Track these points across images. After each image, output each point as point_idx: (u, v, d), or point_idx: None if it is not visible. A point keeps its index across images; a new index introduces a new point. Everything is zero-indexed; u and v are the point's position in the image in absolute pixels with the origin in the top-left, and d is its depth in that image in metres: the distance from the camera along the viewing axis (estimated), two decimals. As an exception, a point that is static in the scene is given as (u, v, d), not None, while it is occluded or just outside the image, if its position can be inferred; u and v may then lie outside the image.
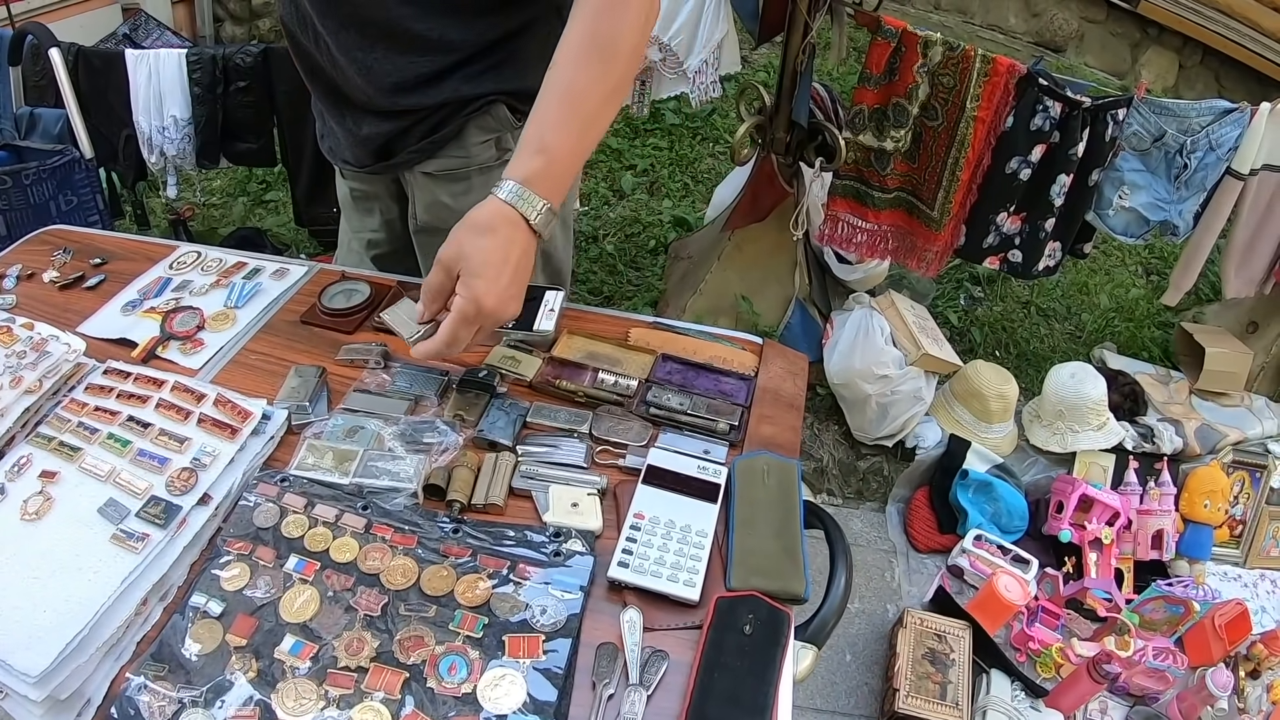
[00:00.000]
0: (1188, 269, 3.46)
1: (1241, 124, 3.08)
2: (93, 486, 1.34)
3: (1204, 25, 6.27)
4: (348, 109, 1.84)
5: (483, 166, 1.86)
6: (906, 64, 2.97)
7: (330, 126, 1.94)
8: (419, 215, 1.95)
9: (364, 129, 1.85)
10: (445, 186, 1.88)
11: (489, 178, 1.81)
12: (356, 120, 1.85)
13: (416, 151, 1.84)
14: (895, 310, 3.56)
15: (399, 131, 1.82)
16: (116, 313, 1.78)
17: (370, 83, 1.74)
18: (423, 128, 1.81)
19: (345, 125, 1.87)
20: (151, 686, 1.15)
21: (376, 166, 1.93)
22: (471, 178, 1.87)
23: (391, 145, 1.86)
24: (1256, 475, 3.55)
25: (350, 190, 2.15)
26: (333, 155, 2.04)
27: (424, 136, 1.82)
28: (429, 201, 1.92)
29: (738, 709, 1.16)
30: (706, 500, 1.43)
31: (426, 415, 1.55)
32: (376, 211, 2.13)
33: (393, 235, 2.16)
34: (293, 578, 1.28)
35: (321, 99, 1.88)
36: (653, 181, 4.95)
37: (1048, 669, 2.90)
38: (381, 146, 1.87)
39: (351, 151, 1.93)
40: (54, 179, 3.00)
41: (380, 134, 1.84)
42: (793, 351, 1.82)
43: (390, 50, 1.70)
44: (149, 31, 4.18)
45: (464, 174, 1.87)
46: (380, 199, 2.10)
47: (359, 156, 1.93)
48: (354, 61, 1.72)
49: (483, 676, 1.16)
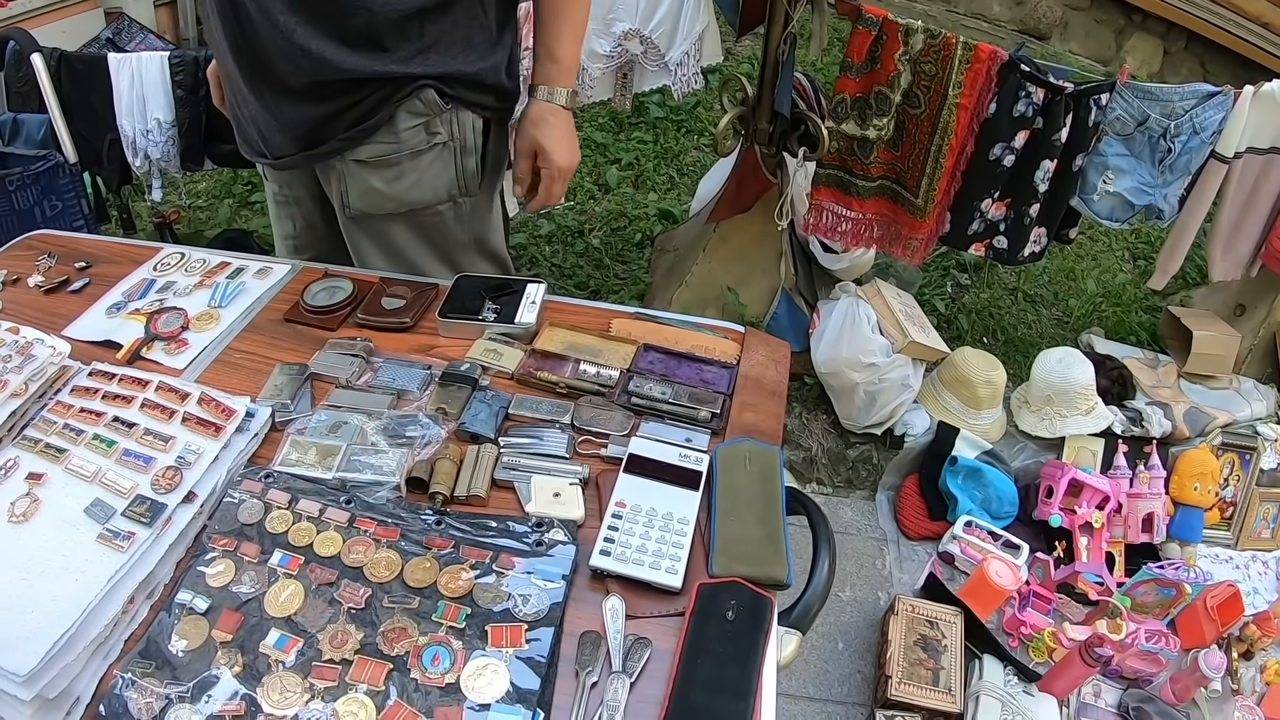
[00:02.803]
0: (1173, 252, 3.47)
1: (1225, 107, 3.09)
2: (79, 487, 1.34)
3: (1188, 10, 6.27)
4: (271, 90, 1.85)
5: (414, 151, 1.91)
6: (888, 52, 2.97)
7: (252, 114, 1.93)
8: (352, 203, 1.98)
9: (287, 111, 1.86)
10: (378, 172, 1.92)
11: (419, 161, 1.94)
12: (279, 103, 1.85)
13: (347, 139, 1.87)
14: (881, 298, 3.56)
15: (327, 117, 1.85)
16: (101, 315, 1.79)
17: (294, 52, 1.75)
18: (353, 114, 1.84)
19: (269, 109, 1.87)
20: (139, 683, 1.15)
21: (299, 157, 1.95)
22: (403, 163, 1.92)
23: (320, 131, 1.88)
24: (1246, 457, 3.56)
25: (274, 194, 2.20)
26: (254, 152, 2.05)
27: (354, 124, 1.85)
28: (363, 189, 1.95)
29: (721, 694, 1.17)
30: (688, 488, 1.43)
31: (409, 409, 1.56)
32: (299, 216, 2.19)
33: (315, 238, 2.22)
34: (277, 573, 1.29)
35: (245, 81, 1.86)
36: (638, 175, 4.95)
37: (1040, 653, 2.91)
38: (308, 132, 1.88)
39: (275, 140, 1.94)
40: (38, 184, 2.99)
41: (306, 118, 1.86)
42: (774, 339, 1.83)
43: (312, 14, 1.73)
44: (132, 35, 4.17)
45: (395, 159, 1.91)
46: (301, 202, 2.15)
47: (281, 145, 1.94)
48: (275, 27, 1.72)
49: (466, 666, 1.17)
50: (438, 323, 1.77)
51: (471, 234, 2.11)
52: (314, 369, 1.64)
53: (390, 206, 1.97)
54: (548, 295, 1.84)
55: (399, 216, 2.00)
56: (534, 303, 1.78)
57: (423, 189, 1.96)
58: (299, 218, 2.19)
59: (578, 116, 4.94)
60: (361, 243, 2.06)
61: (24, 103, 3.29)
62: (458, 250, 2.12)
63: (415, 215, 2.01)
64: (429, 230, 2.05)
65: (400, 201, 1.96)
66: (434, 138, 1.91)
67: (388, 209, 1.98)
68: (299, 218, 2.19)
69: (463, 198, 2.03)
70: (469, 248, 2.13)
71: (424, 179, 1.95)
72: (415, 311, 1.79)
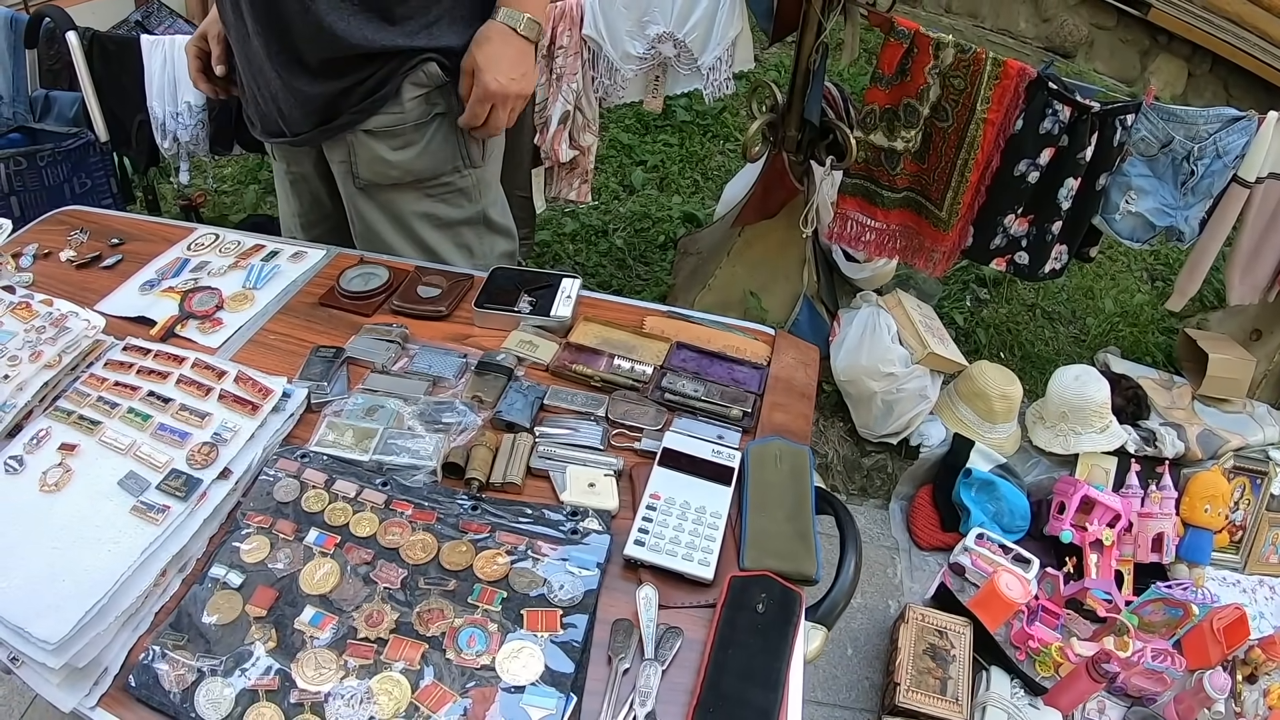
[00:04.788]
0: (1192, 275, 3.47)
1: (1248, 132, 3.09)
2: (113, 459, 1.36)
3: (1213, 34, 6.26)
4: (289, 68, 1.89)
5: (416, 123, 1.98)
6: (918, 65, 2.98)
7: (274, 93, 1.98)
8: (360, 173, 2.03)
9: (308, 88, 1.91)
10: (385, 142, 1.98)
11: (422, 132, 2.00)
12: (298, 80, 1.90)
13: (359, 111, 1.92)
14: (902, 309, 3.57)
15: (341, 91, 1.90)
16: (134, 292, 1.81)
17: (312, 27, 1.81)
18: (364, 87, 1.90)
19: (290, 85, 1.92)
20: (171, 655, 1.17)
21: (316, 133, 2.00)
22: (407, 133, 1.98)
23: (336, 105, 1.93)
24: (1257, 481, 3.56)
25: (283, 173, 2.27)
26: (267, 131, 2.12)
27: (366, 96, 1.91)
28: (370, 158, 2.00)
29: (751, 684, 1.18)
30: (720, 483, 1.45)
31: (445, 396, 1.58)
32: (306, 193, 2.26)
33: (322, 214, 2.29)
34: (313, 551, 1.30)
35: (269, 60, 1.91)
36: (663, 177, 4.95)
37: (1047, 667, 2.91)
38: (325, 106, 1.94)
39: (293, 116, 1.99)
40: (68, 162, 3.01)
41: (323, 94, 1.91)
42: (804, 342, 1.84)
43: None
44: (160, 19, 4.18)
45: (400, 130, 1.97)
46: (309, 180, 2.22)
47: (298, 122, 1.99)
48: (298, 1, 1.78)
49: (501, 648, 1.19)
50: (474, 313, 1.79)
51: (477, 207, 2.17)
52: (350, 353, 1.65)
53: (396, 175, 2.02)
54: (581, 291, 1.86)
55: (405, 187, 2.05)
56: (569, 297, 1.79)
57: (427, 159, 2.02)
58: (306, 195, 2.26)
59: (605, 116, 4.96)
60: (368, 213, 2.10)
61: (55, 80, 3.32)
62: (463, 224, 2.17)
63: (421, 185, 2.06)
64: (435, 202, 2.10)
65: (406, 170, 2.01)
66: (434, 108, 1.98)
67: (394, 178, 2.03)
68: (306, 195, 2.26)
69: (467, 169, 2.09)
70: (476, 222, 2.19)
71: (428, 149, 2.01)
72: (451, 301, 1.81)
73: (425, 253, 2.13)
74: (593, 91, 3.35)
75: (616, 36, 3.22)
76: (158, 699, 1.14)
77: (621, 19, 3.20)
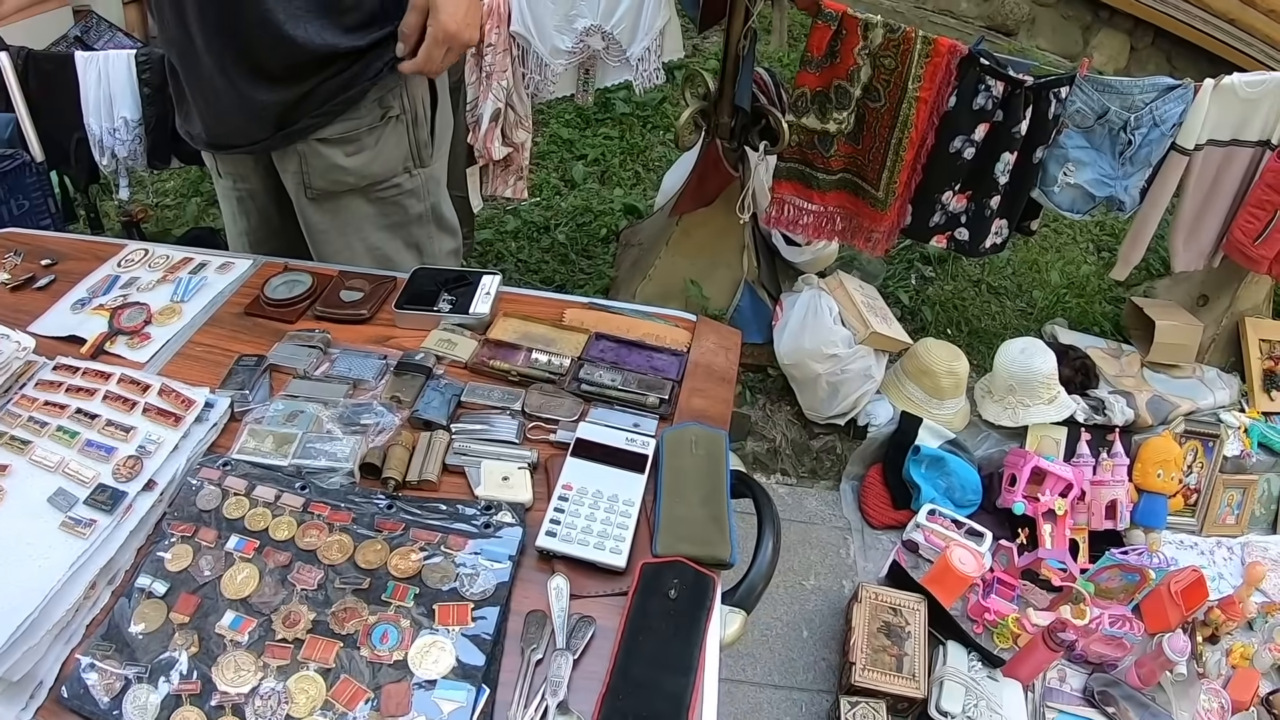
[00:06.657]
0: (1135, 243, 3.52)
1: (1185, 100, 3.13)
2: (43, 477, 1.36)
3: (1155, 7, 6.31)
4: (244, 77, 1.87)
5: (370, 126, 1.97)
6: (847, 47, 3.01)
7: (219, 109, 1.97)
8: (314, 183, 2.03)
9: (266, 96, 1.89)
10: (340, 149, 1.98)
11: (376, 135, 1.99)
12: (258, 88, 1.88)
13: (321, 115, 1.92)
14: (844, 290, 3.60)
15: (303, 95, 1.89)
16: (66, 311, 1.81)
17: (268, 33, 1.79)
18: (327, 89, 1.89)
19: (246, 95, 1.90)
20: (100, 665, 1.18)
21: (276, 138, 1.97)
22: (362, 138, 1.98)
23: (294, 112, 1.92)
24: (1209, 444, 3.60)
25: (228, 190, 2.24)
26: (212, 144, 2.10)
27: (328, 99, 1.90)
28: (325, 166, 2.00)
29: (663, 669, 1.20)
30: (634, 471, 1.47)
31: (364, 398, 1.59)
32: (254, 211, 2.24)
33: (270, 230, 2.27)
34: (234, 556, 1.32)
35: (220, 73, 1.88)
36: (604, 170, 4.97)
37: (1005, 639, 2.94)
38: (281, 114, 1.92)
39: (247, 127, 1.97)
40: (4, 183, 3.00)
41: (282, 101, 1.90)
42: (726, 327, 1.86)
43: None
44: (100, 33, 4.16)
45: (355, 135, 1.97)
46: (256, 196, 2.20)
47: (249, 132, 1.98)
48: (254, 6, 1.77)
49: (413, 644, 1.20)
50: (394, 314, 1.80)
51: (426, 204, 2.18)
52: (273, 360, 1.66)
53: (352, 181, 2.02)
54: (505, 287, 1.87)
55: (358, 192, 2.06)
56: (489, 294, 1.81)
57: (381, 162, 2.03)
58: (254, 211, 2.24)
59: (545, 112, 4.97)
60: (320, 223, 2.10)
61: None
62: (414, 223, 2.18)
63: (373, 190, 2.07)
64: (387, 205, 2.11)
65: (361, 175, 2.02)
66: (388, 111, 1.98)
67: (349, 184, 2.03)
68: (254, 211, 2.24)
69: (416, 169, 2.10)
70: (425, 220, 2.20)
71: (382, 152, 2.01)
72: (373, 304, 1.82)
73: (377, 255, 2.14)
74: (523, 87, 3.36)
75: (545, 31, 3.23)
76: (89, 708, 1.15)
77: (549, 14, 3.21)
